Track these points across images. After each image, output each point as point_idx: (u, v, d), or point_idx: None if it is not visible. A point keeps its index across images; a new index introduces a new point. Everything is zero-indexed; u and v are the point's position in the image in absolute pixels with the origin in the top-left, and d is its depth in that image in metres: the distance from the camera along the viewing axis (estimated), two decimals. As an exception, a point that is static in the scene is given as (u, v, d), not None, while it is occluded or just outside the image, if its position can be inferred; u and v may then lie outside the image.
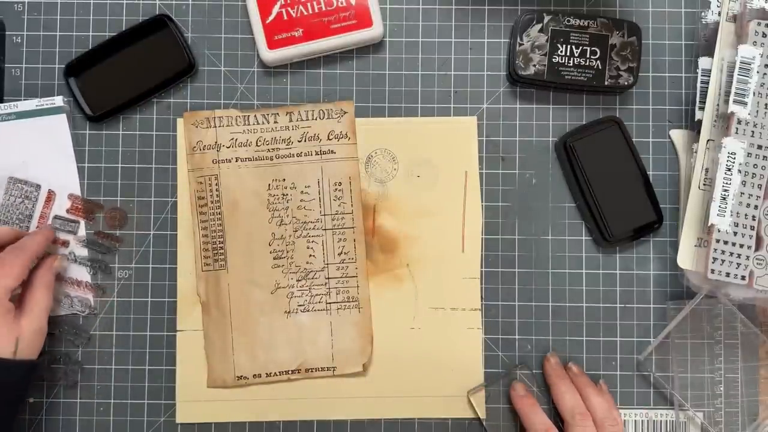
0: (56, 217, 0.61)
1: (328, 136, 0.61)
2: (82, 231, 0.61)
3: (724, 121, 0.57)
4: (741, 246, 0.55)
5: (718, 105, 0.58)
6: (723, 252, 0.55)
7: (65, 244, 0.61)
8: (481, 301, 0.61)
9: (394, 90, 0.62)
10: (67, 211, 0.61)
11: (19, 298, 0.56)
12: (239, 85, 0.62)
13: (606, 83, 0.60)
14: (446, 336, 0.61)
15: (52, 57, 0.62)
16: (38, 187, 0.61)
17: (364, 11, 0.60)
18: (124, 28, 0.62)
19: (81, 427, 0.61)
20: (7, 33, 0.62)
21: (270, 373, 0.60)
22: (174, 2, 0.62)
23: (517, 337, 0.61)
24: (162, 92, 0.62)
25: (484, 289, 0.61)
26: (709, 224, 0.55)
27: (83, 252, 0.61)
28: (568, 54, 0.60)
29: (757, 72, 0.56)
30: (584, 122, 0.62)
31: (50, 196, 0.61)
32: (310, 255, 0.61)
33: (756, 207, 0.55)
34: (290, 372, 0.61)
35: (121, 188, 0.62)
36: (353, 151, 0.62)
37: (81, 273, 0.61)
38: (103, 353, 0.61)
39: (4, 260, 0.54)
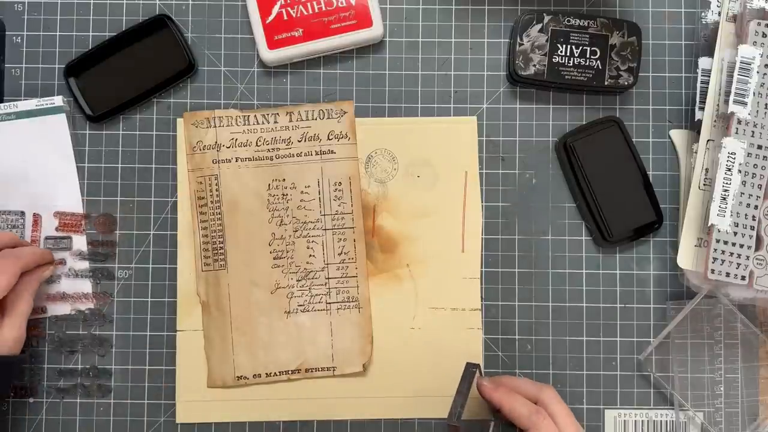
0: (47, 237, 0.61)
1: (328, 136, 0.61)
2: (75, 245, 0.61)
3: (724, 121, 0.57)
4: (741, 246, 0.55)
5: (718, 105, 0.58)
6: (723, 252, 0.55)
7: (62, 262, 0.61)
8: (481, 301, 0.61)
9: (394, 90, 0.62)
10: (56, 229, 0.61)
11: (0, 302, 0.55)
12: (239, 85, 0.62)
13: (606, 83, 0.60)
14: (446, 336, 0.61)
15: (52, 57, 0.62)
16: (22, 213, 0.60)
17: (364, 11, 0.60)
18: (124, 28, 0.62)
19: (81, 427, 0.61)
20: (7, 33, 0.62)
21: (270, 373, 0.60)
22: (174, 2, 0.62)
23: (517, 337, 0.61)
24: (162, 92, 0.62)
25: (484, 289, 0.61)
26: (709, 224, 0.55)
27: (83, 265, 0.61)
28: (568, 54, 0.60)
29: (757, 72, 0.56)
30: (584, 122, 0.62)
31: (36, 219, 0.61)
32: (310, 255, 0.61)
33: (756, 207, 0.55)
34: (290, 372, 0.61)
35: (121, 188, 0.62)
36: (353, 151, 0.62)
37: (85, 286, 0.61)
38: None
39: None
